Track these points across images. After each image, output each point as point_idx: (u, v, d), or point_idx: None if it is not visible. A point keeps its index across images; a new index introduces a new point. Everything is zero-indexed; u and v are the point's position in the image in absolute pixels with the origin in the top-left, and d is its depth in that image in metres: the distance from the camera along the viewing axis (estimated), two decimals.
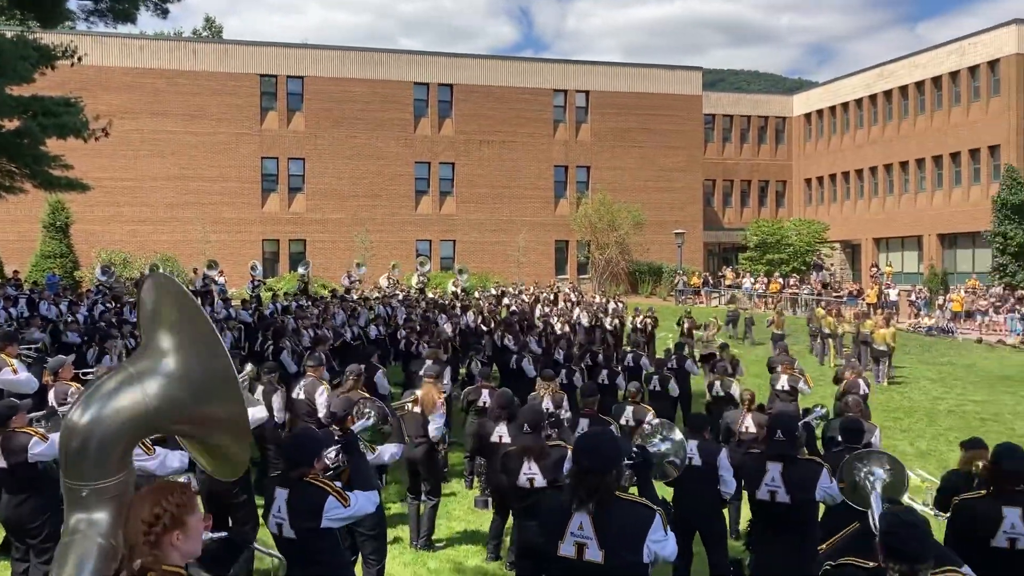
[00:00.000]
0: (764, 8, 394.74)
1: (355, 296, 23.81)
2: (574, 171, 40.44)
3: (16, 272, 26.01)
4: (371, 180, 37.08)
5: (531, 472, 6.16)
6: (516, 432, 6.82)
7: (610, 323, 22.86)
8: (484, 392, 10.38)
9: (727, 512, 8.33)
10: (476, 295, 27.00)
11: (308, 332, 14.95)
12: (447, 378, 11.35)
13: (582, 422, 8.37)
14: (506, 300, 25.88)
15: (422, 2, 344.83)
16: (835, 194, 46.64)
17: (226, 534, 2.56)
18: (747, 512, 6.56)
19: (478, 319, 19.81)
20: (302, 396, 9.24)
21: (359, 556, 6.66)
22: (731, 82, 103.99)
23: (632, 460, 4.22)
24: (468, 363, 14.28)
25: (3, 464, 6.10)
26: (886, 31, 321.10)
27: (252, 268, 26.38)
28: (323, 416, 8.46)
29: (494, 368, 14.98)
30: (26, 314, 16.61)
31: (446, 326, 17.19)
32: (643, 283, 39.85)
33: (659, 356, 16.93)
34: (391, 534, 7.52)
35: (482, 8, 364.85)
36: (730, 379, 12.22)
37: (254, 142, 35.84)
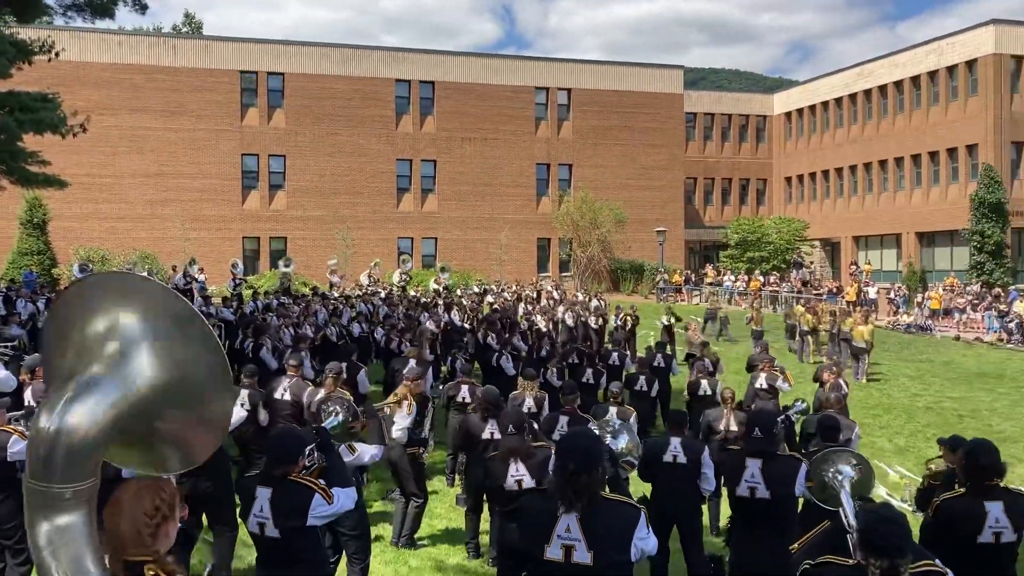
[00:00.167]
0: (745, 7, 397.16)
1: (336, 294, 23.74)
2: (556, 169, 40.43)
3: None
4: (352, 177, 36.91)
5: (519, 474, 6.14)
6: (502, 430, 6.79)
7: (594, 321, 22.83)
8: (464, 388, 10.43)
9: (707, 509, 8.38)
10: (458, 293, 26.95)
11: (289, 331, 14.90)
12: (430, 377, 11.32)
13: (562, 419, 8.36)
14: (489, 298, 25.85)
15: None
16: (815, 192, 46.93)
17: (181, 524, 2.57)
18: (727, 509, 6.59)
19: (462, 317, 19.78)
20: (287, 397, 9.19)
21: (342, 555, 6.63)
22: (712, 81, 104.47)
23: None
24: (451, 361, 14.27)
25: None
26: (866, 30, 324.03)
27: (233, 266, 26.19)
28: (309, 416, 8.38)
29: (476, 365, 14.98)
30: (3, 312, 16.43)
31: (428, 323, 17.16)
32: (625, 281, 39.91)
33: (640, 355, 16.96)
34: (372, 532, 7.49)
35: (464, 5, 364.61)
36: (714, 379, 12.30)
37: (234, 139, 35.57)
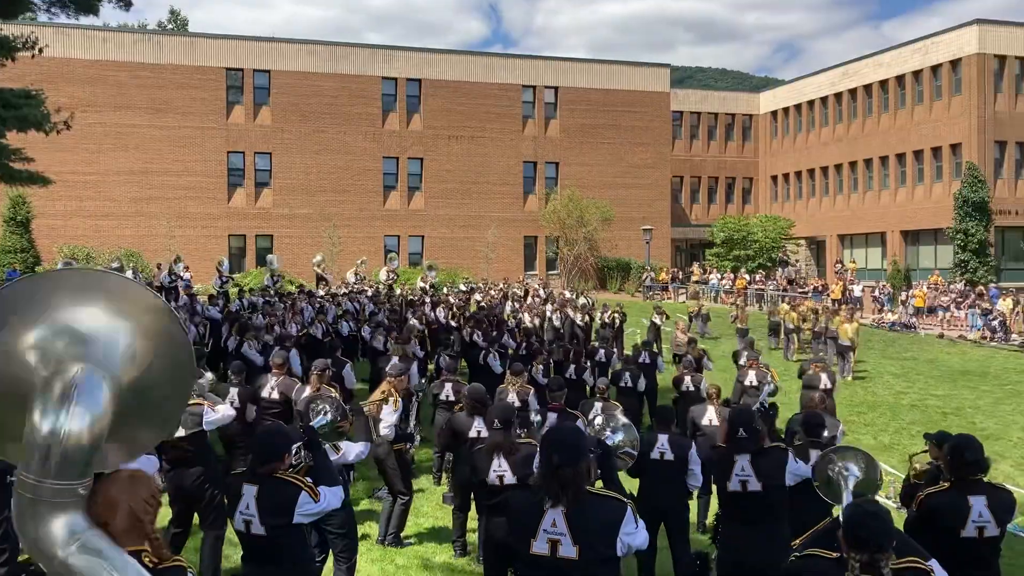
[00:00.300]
0: (731, 6, 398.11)
1: (322, 292, 23.69)
2: (543, 167, 40.46)
3: None
4: (339, 175, 36.82)
5: (501, 469, 6.15)
6: (489, 425, 6.80)
7: (581, 319, 22.85)
8: (447, 385, 10.41)
9: (695, 505, 8.41)
10: (445, 291, 26.93)
11: (275, 329, 14.85)
12: (415, 374, 11.29)
13: (550, 416, 8.38)
14: (476, 296, 25.84)
15: None
16: (800, 191, 47.15)
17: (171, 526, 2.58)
18: (715, 506, 6.61)
19: (448, 315, 19.77)
20: (275, 395, 9.16)
21: (329, 554, 6.61)
22: (699, 79, 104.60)
23: (593, 453, 4.23)
24: (437, 358, 14.28)
25: None
26: (851, 30, 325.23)
27: (219, 264, 26.03)
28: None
29: (462, 363, 14.98)
30: None
31: (414, 321, 17.15)
32: (611, 279, 40.01)
33: (627, 352, 17.00)
34: (359, 531, 7.47)
35: (451, 3, 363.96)
36: (699, 375, 12.34)
37: (220, 136, 35.41)
